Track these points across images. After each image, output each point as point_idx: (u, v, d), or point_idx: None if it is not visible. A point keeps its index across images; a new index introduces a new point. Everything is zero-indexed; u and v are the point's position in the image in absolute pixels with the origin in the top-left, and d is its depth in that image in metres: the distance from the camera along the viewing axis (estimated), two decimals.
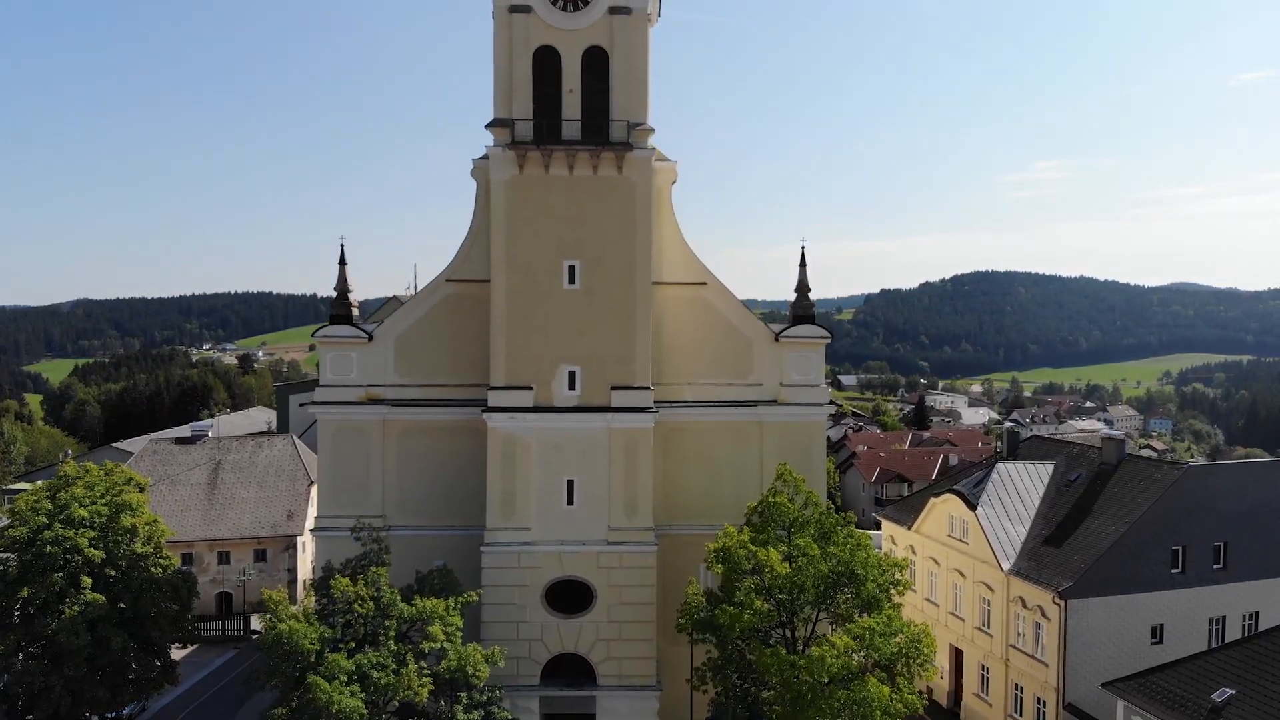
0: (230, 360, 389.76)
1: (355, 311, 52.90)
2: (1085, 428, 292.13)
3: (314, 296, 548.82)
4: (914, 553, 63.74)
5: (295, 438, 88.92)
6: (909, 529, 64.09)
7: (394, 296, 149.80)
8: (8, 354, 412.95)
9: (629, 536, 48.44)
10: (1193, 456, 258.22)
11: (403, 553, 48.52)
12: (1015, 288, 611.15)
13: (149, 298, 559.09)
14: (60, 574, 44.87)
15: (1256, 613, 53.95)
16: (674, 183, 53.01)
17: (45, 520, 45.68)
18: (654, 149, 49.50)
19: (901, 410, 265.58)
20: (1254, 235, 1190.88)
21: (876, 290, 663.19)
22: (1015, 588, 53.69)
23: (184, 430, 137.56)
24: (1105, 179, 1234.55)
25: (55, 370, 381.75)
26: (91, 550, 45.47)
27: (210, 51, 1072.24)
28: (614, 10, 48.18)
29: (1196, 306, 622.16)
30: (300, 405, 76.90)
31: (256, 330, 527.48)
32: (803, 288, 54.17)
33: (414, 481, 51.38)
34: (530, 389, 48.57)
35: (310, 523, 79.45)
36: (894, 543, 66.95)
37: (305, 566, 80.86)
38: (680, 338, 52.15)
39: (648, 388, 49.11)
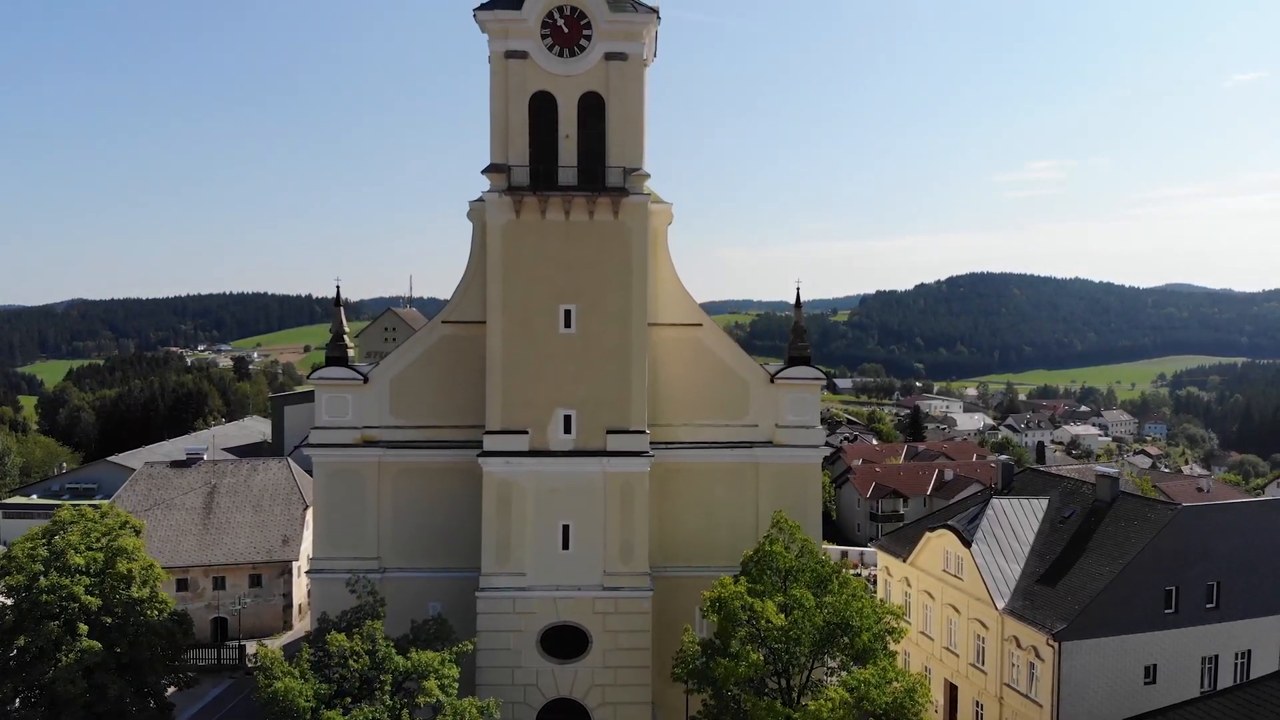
0: (225, 362, 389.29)
1: (351, 353, 52.94)
2: (1080, 432, 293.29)
3: (309, 297, 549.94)
4: (909, 585, 63.92)
5: (290, 461, 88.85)
6: (904, 561, 64.18)
7: (389, 309, 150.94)
8: (2, 355, 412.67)
9: (624, 582, 48.55)
10: (1187, 462, 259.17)
11: (398, 595, 48.74)
12: (1010, 289, 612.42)
13: (143, 298, 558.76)
14: (56, 622, 44.77)
15: (1249, 651, 54.20)
16: (670, 224, 53.15)
17: (41, 568, 45.65)
18: (650, 194, 49.60)
19: (896, 416, 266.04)
20: (1249, 236, 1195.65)
21: (872, 291, 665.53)
22: (1010, 627, 53.83)
23: (179, 453, 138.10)
24: (1100, 179, 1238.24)
25: (50, 372, 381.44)
26: (88, 597, 45.39)
27: (209, 55, 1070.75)
28: (610, 56, 48.25)
29: (1191, 308, 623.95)
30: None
31: (252, 331, 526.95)
32: (798, 330, 54.32)
33: (410, 523, 51.51)
34: (526, 433, 48.65)
35: (306, 545, 79.67)
36: (889, 573, 67.14)
37: (300, 591, 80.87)
38: (676, 379, 52.27)
39: (643, 431, 49.21)
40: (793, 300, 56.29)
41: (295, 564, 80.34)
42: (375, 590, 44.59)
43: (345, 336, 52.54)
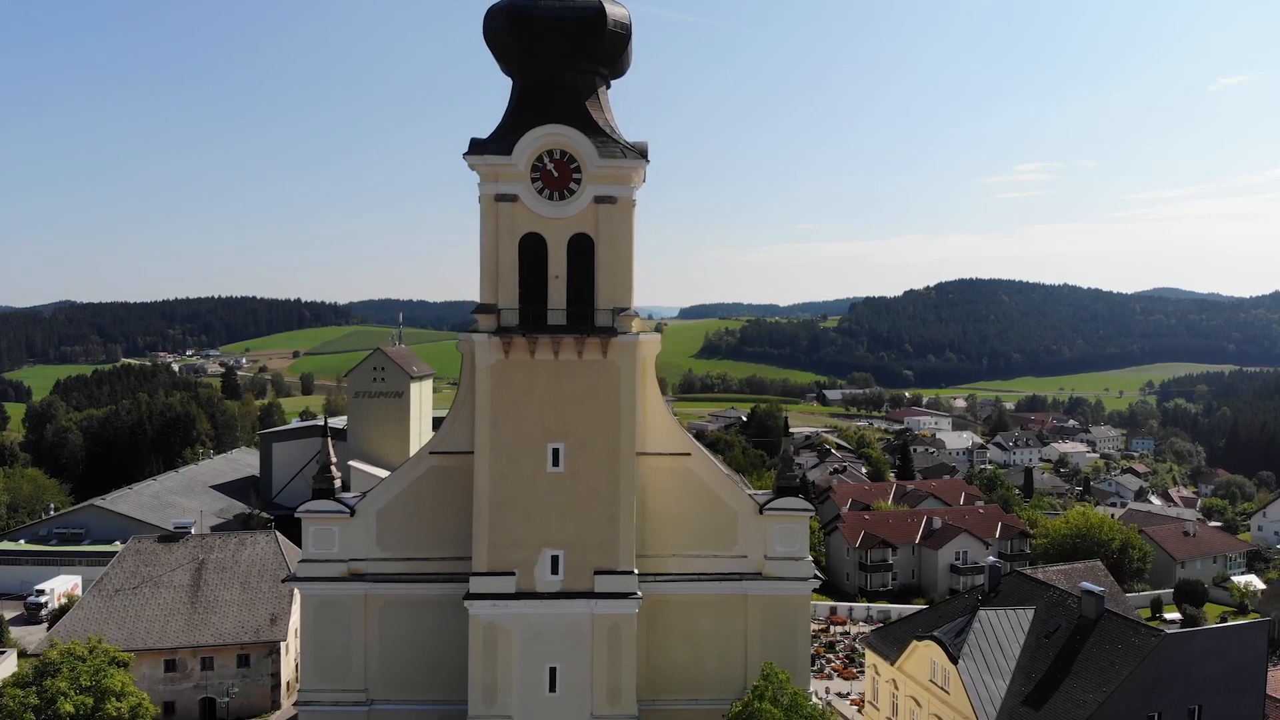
0: (214, 368, 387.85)
1: (338, 484, 52.77)
2: (1068, 450, 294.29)
3: (297, 301, 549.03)
4: (896, 688, 64.24)
5: (278, 534, 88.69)
6: (892, 664, 64.50)
7: (378, 349, 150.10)
8: None
9: None
10: (1175, 481, 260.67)
11: None
12: (999, 296, 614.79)
13: (131, 302, 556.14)
14: None
15: None
16: (658, 354, 53.11)
17: (32, 717, 45.64)
18: (639, 332, 49.53)
19: (886, 435, 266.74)
20: (1237, 239, 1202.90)
21: (861, 295, 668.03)
22: None
23: (167, 493, 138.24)
24: (1087, 182, 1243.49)
25: (37, 377, 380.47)
26: None
27: (201, 61, 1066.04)
28: (600, 200, 48.16)
29: (1179, 315, 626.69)
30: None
31: (240, 336, 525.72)
32: (787, 459, 54.39)
33: (397, 656, 51.40)
34: (513, 574, 48.54)
35: (294, 622, 79.69)
36: (877, 672, 67.48)
37: (288, 668, 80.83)
38: (664, 508, 52.20)
39: (632, 572, 49.14)
40: (783, 304, 57.00)
41: (283, 643, 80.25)
42: None
43: (332, 467, 52.33)
